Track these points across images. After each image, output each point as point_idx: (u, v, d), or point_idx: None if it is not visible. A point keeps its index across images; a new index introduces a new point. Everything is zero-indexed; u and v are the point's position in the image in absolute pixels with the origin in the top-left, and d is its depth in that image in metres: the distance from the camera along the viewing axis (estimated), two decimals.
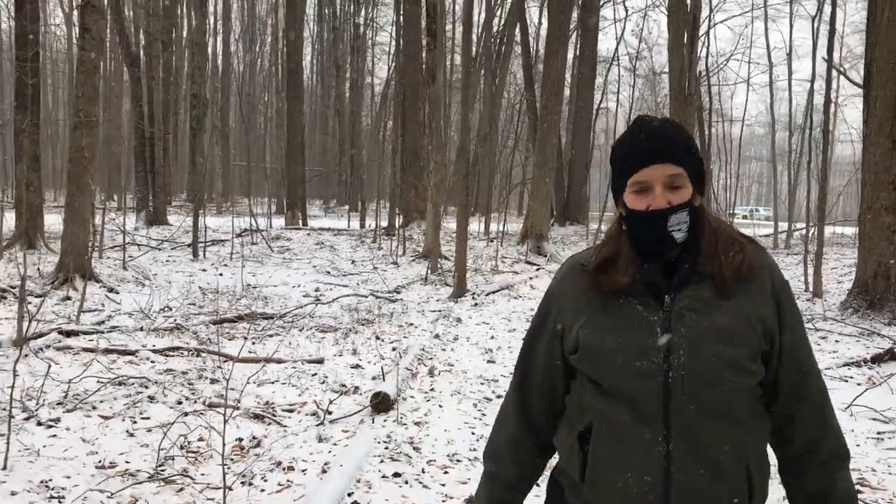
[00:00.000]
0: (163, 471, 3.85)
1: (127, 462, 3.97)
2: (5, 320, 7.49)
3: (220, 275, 12.10)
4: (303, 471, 3.98)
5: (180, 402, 5.07)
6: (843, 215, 33.83)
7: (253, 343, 7.14)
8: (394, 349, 7.17)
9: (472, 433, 4.77)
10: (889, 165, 8.74)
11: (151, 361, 6.11)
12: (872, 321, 8.78)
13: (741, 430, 1.38)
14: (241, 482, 3.75)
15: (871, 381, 6.47)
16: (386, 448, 4.34)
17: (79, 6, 10.55)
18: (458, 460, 4.26)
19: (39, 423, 4.41)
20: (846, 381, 6.57)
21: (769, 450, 1.49)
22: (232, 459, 4.12)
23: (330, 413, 4.99)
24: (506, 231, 18.35)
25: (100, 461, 3.95)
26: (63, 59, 40.43)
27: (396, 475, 3.92)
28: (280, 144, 35.37)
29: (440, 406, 5.34)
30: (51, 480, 3.61)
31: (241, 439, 4.46)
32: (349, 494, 3.58)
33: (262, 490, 3.70)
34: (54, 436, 4.26)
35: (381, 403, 5.01)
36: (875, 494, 3.90)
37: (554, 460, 1.59)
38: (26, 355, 5.92)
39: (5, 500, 3.34)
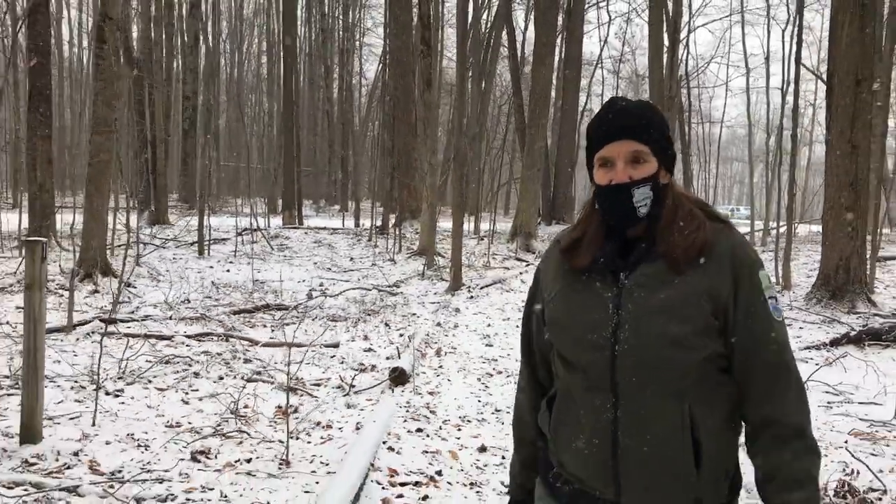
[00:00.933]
0: (221, 429, 4.58)
1: (189, 423, 4.70)
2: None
3: (228, 271, 12.79)
4: (339, 428, 4.74)
5: (222, 378, 5.81)
6: (819, 214, 34.79)
7: (273, 330, 7.87)
8: (401, 335, 7.92)
9: (479, 401, 5.54)
10: (849, 168, 9.59)
11: (187, 345, 6.83)
12: (834, 310, 9.63)
13: (686, 400, 1.44)
14: (291, 437, 4.49)
15: (827, 361, 7.28)
16: (407, 411, 5.11)
17: (97, 20, 11.20)
18: (468, 421, 5.03)
19: (107, 393, 5.13)
20: (807, 361, 7.36)
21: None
22: (276, 422, 4.86)
23: (353, 386, 5.75)
24: (495, 230, 19.12)
25: (167, 421, 4.67)
26: (75, 65, 40.79)
27: (419, 430, 4.69)
28: (271, 145, 35.99)
29: (448, 380, 6.11)
30: (133, 434, 4.34)
31: (280, 406, 5.20)
32: (384, 442, 4.34)
33: (309, 442, 4.45)
34: (123, 403, 4.99)
35: (399, 377, 5.76)
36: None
37: None
38: (78, 339, 6.63)
39: (102, 448, 4.06)
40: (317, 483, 3.71)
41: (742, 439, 1.53)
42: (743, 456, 1.53)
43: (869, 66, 9.54)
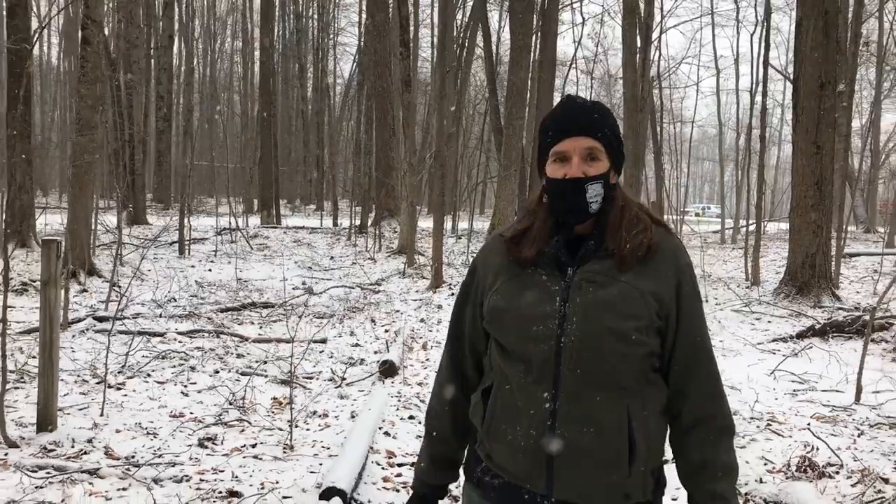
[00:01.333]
0: (223, 419, 4.81)
1: (192, 413, 4.92)
2: (31, 310, 8.31)
3: (210, 270, 12.94)
4: (336, 416, 4.99)
5: (217, 372, 6.03)
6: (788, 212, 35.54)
7: (260, 327, 8.08)
8: (386, 331, 8.18)
9: None
10: (814, 168, 10.01)
11: (179, 342, 7.03)
12: (800, 304, 10.05)
13: (625, 395, 1.47)
14: (290, 424, 4.73)
15: (793, 352, 7.67)
16: (398, 401, 5.38)
17: (82, 22, 11.31)
18: None
19: (110, 386, 5.32)
20: (774, 353, 7.73)
21: None
22: (273, 412, 5.10)
23: (344, 379, 6.00)
24: (473, 228, 19.42)
25: (171, 412, 4.90)
26: (52, 65, 40.37)
27: (411, 417, 4.96)
28: (244, 144, 35.98)
29: (435, 372, 6.37)
30: (141, 423, 4.56)
31: (275, 398, 5.44)
32: (379, 428, 4.61)
33: (308, 430, 4.70)
34: (126, 395, 5.20)
35: (389, 369, 6.03)
36: (781, 425, 5.03)
37: None
38: (73, 336, 6.81)
39: (114, 436, 4.27)
40: (320, 465, 3.97)
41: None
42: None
43: (832, 70, 9.97)
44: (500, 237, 1.64)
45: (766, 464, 4.22)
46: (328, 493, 3.28)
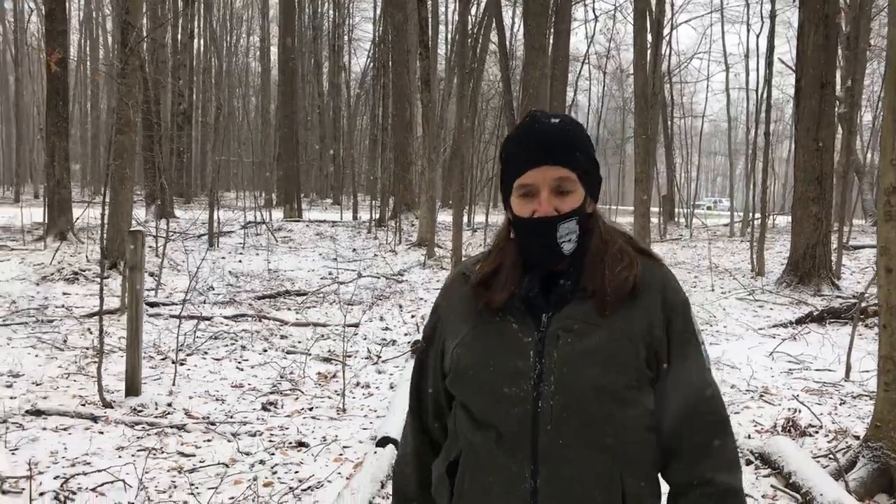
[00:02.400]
0: (277, 389, 5.47)
1: (249, 384, 5.58)
2: (85, 296, 9.02)
3: (240, 261, 13.63)
4: (377, 387, 5.65)
5: (266, 350, 6.69)
6: None
7: (297, 313, 8.75)
8: (412, 316, 8.82)
9: None
10: (815, 164, 10.56)
11: (226, 325, 7.70)
12: (801, 293, 10.62)
13: (617, 462, 1.26)
14: (337, 393, 5.38)
15: (791, 336, 8.25)
16: None
17: (121, 26, 12.00)
18: None
19: (173, 363, 5.99)
20: (774, 337, 8.32)
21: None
22: (321, 384, 5.75)
23: (380, 357, 6.65)
24: (488, 222, 20.04)
25: (231, 383, 5.56)
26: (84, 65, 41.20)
27: None
28: (264, 141, 36.70)
29: None
30: (208, 391, 5.22)
31: (320, 373, 6.09)
32: None
33: (354, 398, 5.35)
34: (189, 370, 5.86)
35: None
36: (772, 396, 5.64)
37: None
38: None
39: (188, 401, 4.94)
40: (370, 423, 4.62)
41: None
42: None
43: (832, 71, 10.52)
44: (464, 277, 1.41)
45: (755, 426, 4.83)
46: (383, 441, 3.92)
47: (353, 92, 40.24)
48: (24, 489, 3.40)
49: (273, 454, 4.06)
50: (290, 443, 4.19)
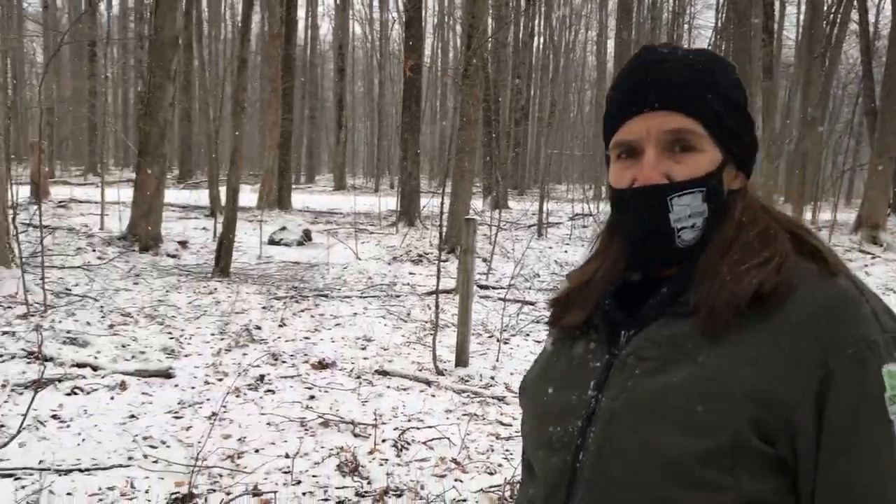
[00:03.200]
0: None
1: None
2: (427, 276, 10.04)
3: (566, 252, 14.06)
4: None
5: None
6: None
7: None
8: None
9: None
10: None
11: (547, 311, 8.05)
12: None
13: None
14: None
15: None
16: None
17: (467, 28, 13.04)
18: None
19: (498, 341, 6.45)
20: None
21: None
22: None
23: None
24: (836, 220, 18.18)
25: None
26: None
27: None
28: (596, 133, 37.13)
29: None
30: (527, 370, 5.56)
31: None
32: None
33: None
34: (511, 348, 6.29)
35: None
36: None
37: None
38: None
39: (508, 377, 5.31)
40: None
41: None
42: None
43: None
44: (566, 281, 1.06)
45: None
46: None
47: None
48: (370, 434, 3.99)
49: None
50: None
